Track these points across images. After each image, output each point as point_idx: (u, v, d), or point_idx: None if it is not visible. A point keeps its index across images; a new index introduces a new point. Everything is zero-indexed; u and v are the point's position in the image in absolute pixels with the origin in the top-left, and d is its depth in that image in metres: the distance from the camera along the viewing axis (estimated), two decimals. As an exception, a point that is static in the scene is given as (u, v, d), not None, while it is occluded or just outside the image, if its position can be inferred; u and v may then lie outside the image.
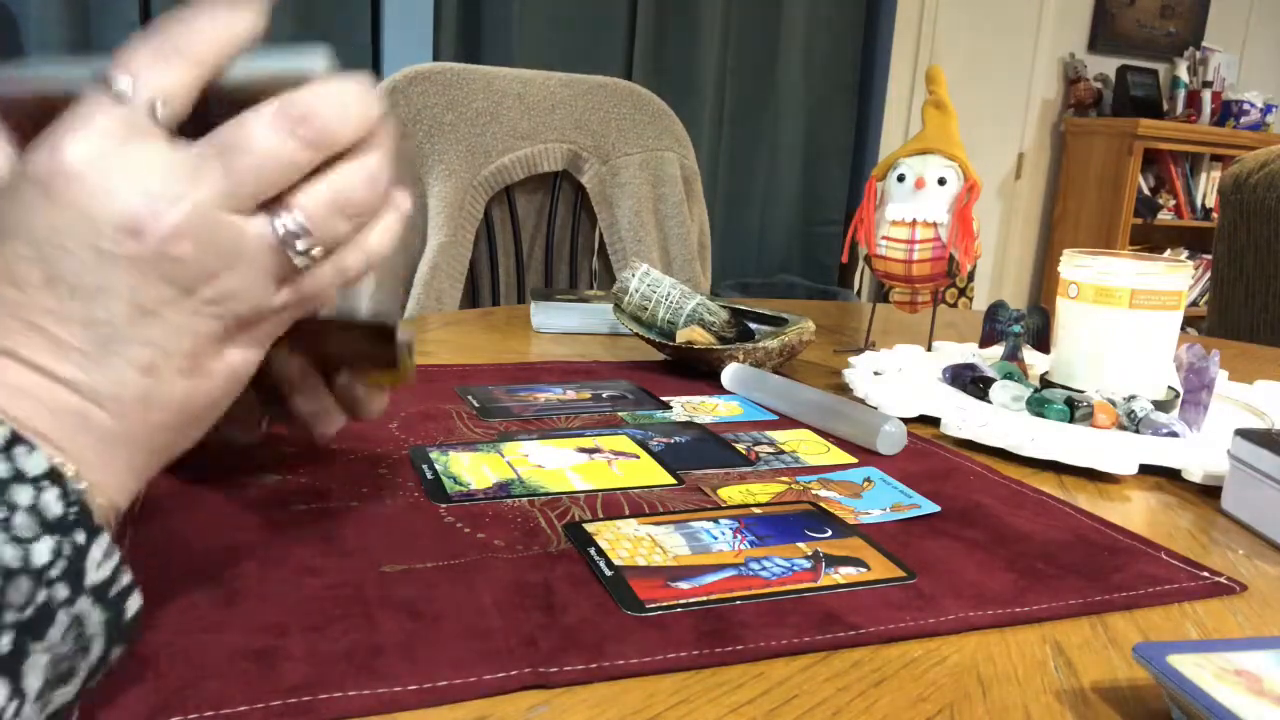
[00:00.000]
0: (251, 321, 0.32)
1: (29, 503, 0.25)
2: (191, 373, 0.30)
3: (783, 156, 3.16)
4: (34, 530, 0.25)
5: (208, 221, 0.29)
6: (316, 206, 0.31)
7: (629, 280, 0.83)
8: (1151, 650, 0.32)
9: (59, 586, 0.25)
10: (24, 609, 0.24)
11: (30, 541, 0.25)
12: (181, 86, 0.30)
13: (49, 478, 0.26)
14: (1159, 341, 0.69)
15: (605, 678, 0.33)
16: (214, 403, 0.32)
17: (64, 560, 0.26)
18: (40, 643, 0.25)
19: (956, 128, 0.85)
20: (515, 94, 1.40)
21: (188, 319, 0.30)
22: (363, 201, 0.32)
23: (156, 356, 0.29)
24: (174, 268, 0.29)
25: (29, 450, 0.26)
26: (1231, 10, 3.95)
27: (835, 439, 0.62)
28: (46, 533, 0.25)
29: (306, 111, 0.30)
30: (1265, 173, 1.51)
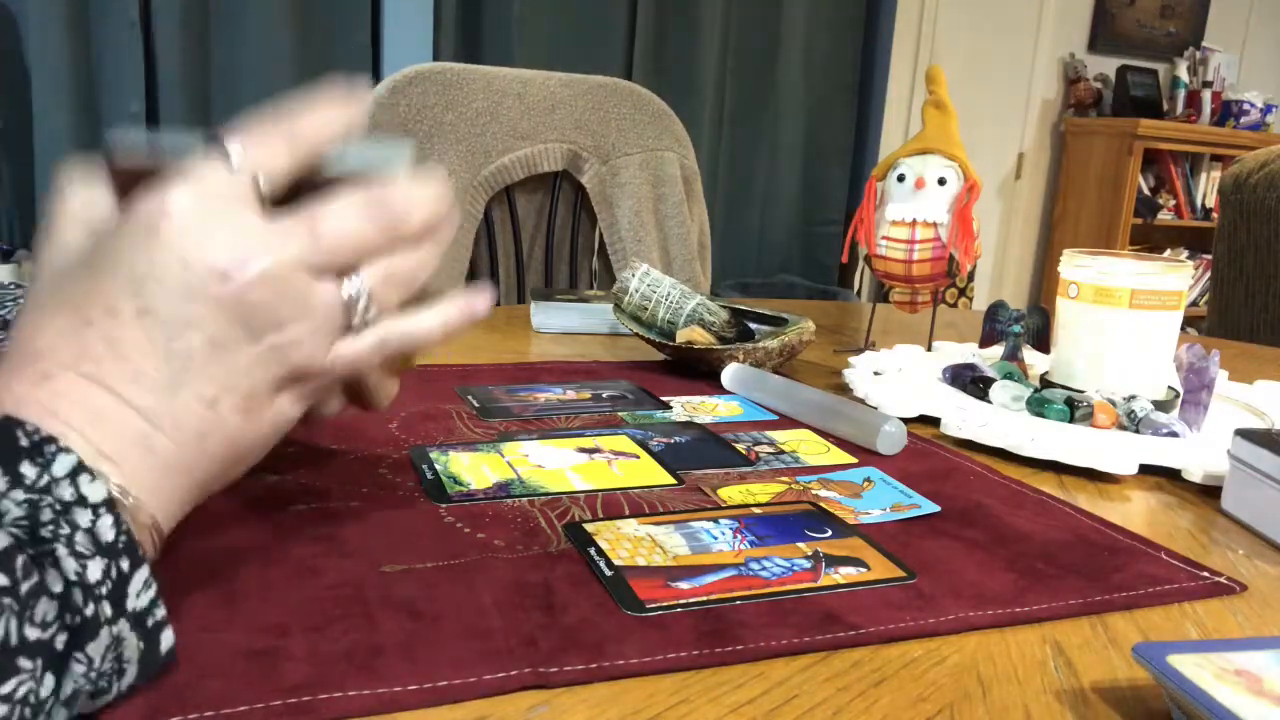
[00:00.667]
0: (303, 375, 0.35)
1: (88, 525, 0.28)
2: (247, 413, 0.34)
3: (783, 156, 3.16)
4: (90, 549, 0.28)
5: (286, 276, 0.33)
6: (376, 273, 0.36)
7: (629, 280, 0.83)
8: (1151, 650, 0.32)
9: (105, 604, 0.28)
10: (75, 616, 0.27)
11: (87, 559, 0.28)
12: (283, 165, 0.34)
13: (106, 505, 0.29)
14: (1159, 341, 0.69)
15: (605, 678, 0.33)
16: (259, 445, 0.35)
17: (110, 582, 0.28)
18: (80, 652, 0.27)
19: (956, 128, 0.85)
20: (515, 94, 1.40)
21: (253, 361, 0.33)
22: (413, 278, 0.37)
23: (220, 392, 0.33)
24: (250, 312, 0.33)
25: (91, 479, 0.29)
26: (1231, 10, 3.95)
27: (835, 439, 0.62)
28: (99, 554, 0.28)
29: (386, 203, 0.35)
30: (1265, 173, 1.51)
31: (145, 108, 2.22)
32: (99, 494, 0.28)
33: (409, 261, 0.37)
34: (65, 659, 0.27)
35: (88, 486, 0.28)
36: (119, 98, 2.20)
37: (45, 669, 0.26)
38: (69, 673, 0.27)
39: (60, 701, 0.27)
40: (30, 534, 0.27)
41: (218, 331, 0.32)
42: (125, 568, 0.29)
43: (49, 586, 0.26)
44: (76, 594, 0.27)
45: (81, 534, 0.28)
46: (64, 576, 0.27)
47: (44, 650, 0.26)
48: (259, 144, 0.34)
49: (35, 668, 0.26)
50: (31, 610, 0.26)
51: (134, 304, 0.31)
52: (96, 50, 2.18)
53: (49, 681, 0.26)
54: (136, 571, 0.29)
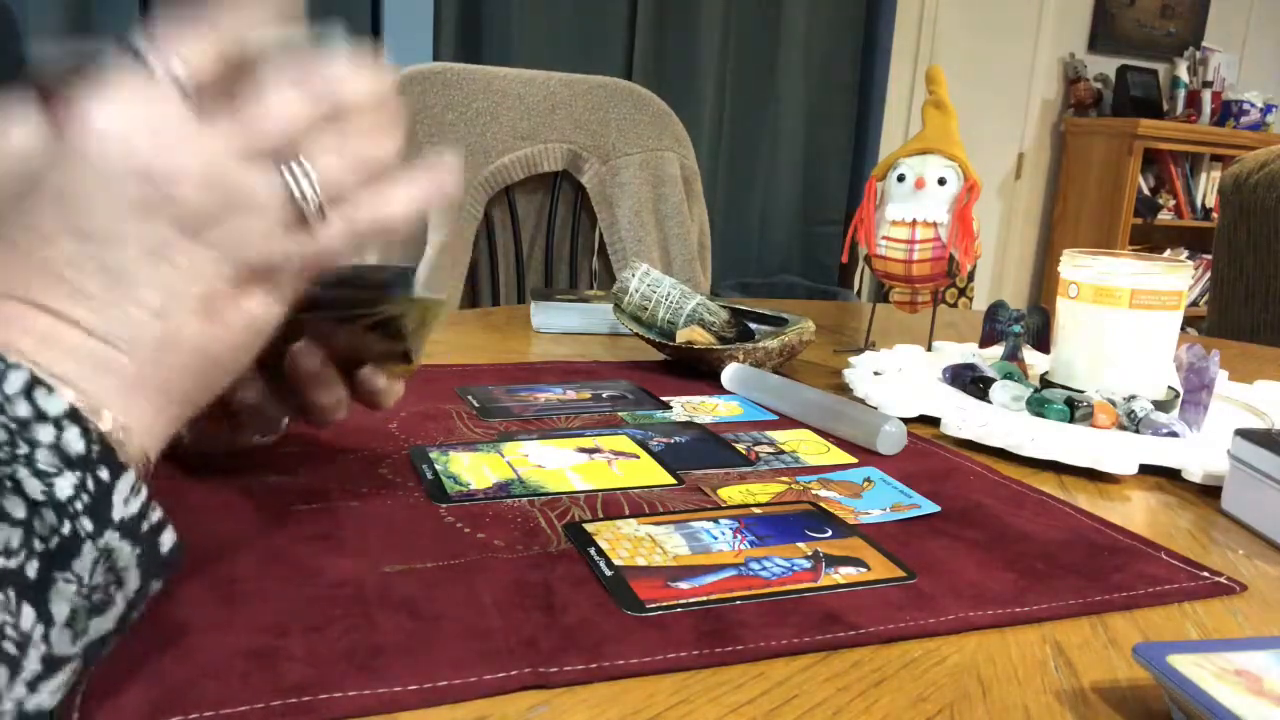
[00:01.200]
0: (265, 272, 0.33)
1: (50, 440, 0.27)
2: (205, 316, 0.32)
3: (783, 156, 3.16)
4: (56, 465, 0.27)
5: (216, 168, 0.31)
6: (324, 157, 0.33)
7: (629, 280, 0.83)
8: (1151, 650, 0.32)
9: (84, 520, 0.27)
10: (49, 539, 0.26)
11: (53, 476, 0.26)
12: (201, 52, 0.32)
13: (69, 417, 0.27)
14: (1159, 341, 0.69)
15: (605, 678, 0.33)
16: (234, 350, 0.33)
17: (87, 495, 0.27)
18: (65, 572, 0.26)
19: (956, 128, 0.85)
20: (515, 94, 1.40)
21: (196, 262, 0.31)
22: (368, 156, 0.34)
23: (167, 299, 0.31)
24: (181, 211, 0.30)
25: (49, 392, 0.27)
26: (1231, 10, 3.95)
27: (835, 439, 0.62)
28: (69, 468, 0.27)
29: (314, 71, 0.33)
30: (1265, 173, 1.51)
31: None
32: (58, 406, 0.27)
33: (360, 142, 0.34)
34: (45, 584, 0.26)
35: (45, 400, 0.27)
36: (119, 98, 2.20)
37: (20, 599, 0.25)
38: (57, 594, 0.26)
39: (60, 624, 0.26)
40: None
41: (154, 238, 0.30)
42: (105, 477, 0.27)
43: (8, 512, 0.25)
44: (48, 514, 0.26)
45: (44, 450, 0.26)
46: (27, 499, 0.26)
47: (14, 579, 0.25)
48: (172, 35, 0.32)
49: (8, 599, 0.25)
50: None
51: (61, 223, 0.30)
52: (97, 49, 2.18)
53: (28, 612, 0.25)
54: (120, 479, 0.28)
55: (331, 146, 0.33)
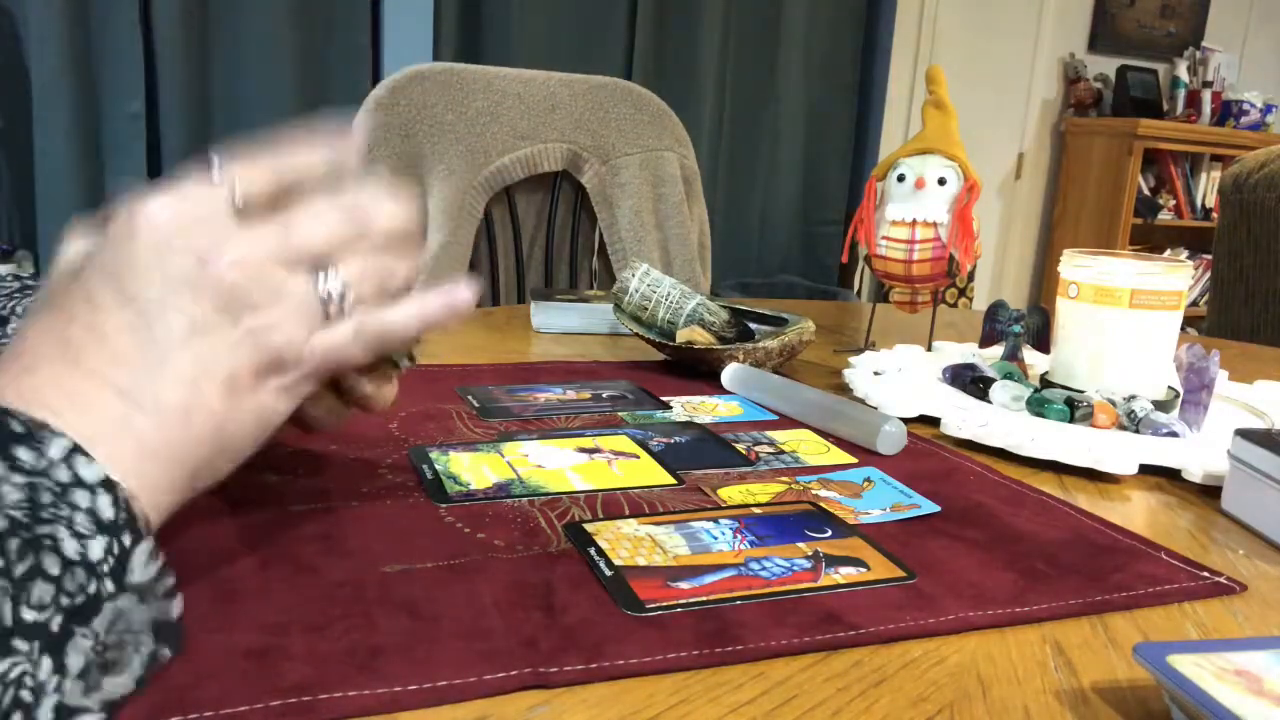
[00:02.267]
0: (283, 364, 0.36)
1: (87, 505, 0.29)
2: (228, 396, 0.34)
3: (783, 156, 3.16)
4: (90, 529, 0.29)
5: (260, 264, 0.35)
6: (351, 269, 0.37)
7: (629, 280, 0.83)
8: (1151, 650, 0.32)
9: (107, 581, 0.29)
10: (75, 596, 0.28)
11: (88, 539, 0.28)
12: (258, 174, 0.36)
13: (104, 485, 0.30)
14: (1159, 341, 0.69)
15: (605, 678, 0.33)
16: (244, 435, 0.35)
17: (113, 558, 0.29)
18: (84, 628, 0.28)
19: (956, 128, 0.85)
20: (515, 94, 1.40)
21: (232, 344, 0.34)
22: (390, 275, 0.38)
23: (200, 373, 0.33)
24: (228, 295, 0.34)
25: (88, 461, 0.30)
26: (1231, 10, 3.95)
27: (835, 439, 0.62)
28: (100, 533, 0.29)
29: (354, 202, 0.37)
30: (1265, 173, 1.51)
31: (145, 108, 2.22)
32: (96, 474, 0.29)
33: (385, 262, 0.38)
34: (65, 638, 0.27)
35: (84, 468, 0.29)
36: (119, 98, 2.20)
37: (42, 651, 0.26)
38: (74, 648, 0.27)
39: (73, 676, 0.27)
40: (31, 516, 0.28)
41: (197, 314, 0.33)
42: (127, 543, 0.30)
43: (45, 569, 0.27)
44: (79, 573, 0.28)
45: (81, 514, 0.28)
46: (63, 558, 0.28)
47: (40, 633, 0.27)
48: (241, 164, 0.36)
49: (31, 650, 0.26)
50: (28, 593, 0.26)
51: (115, 295, 0.33)
52: (96, 50, 2.17)
53: (46, 663, 0.27)
54: (138, 546, 0.30)
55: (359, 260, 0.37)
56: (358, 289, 0.37)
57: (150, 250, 0.33)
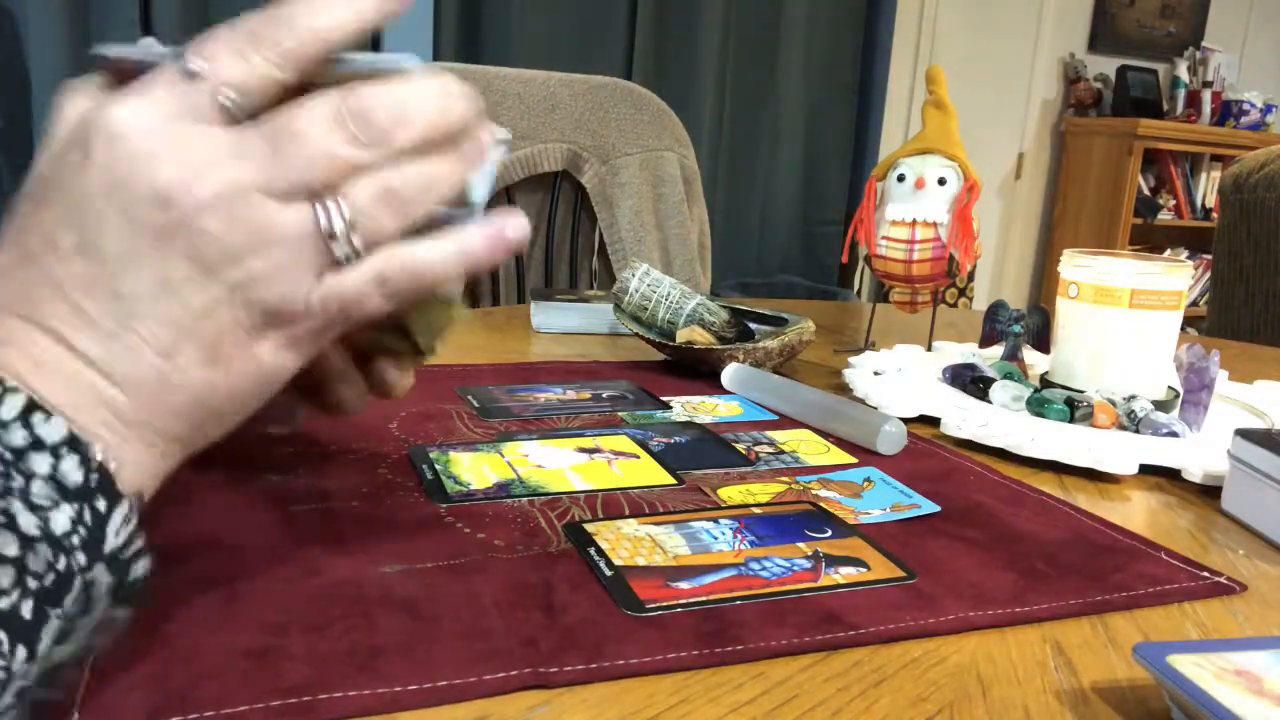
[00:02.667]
0: (283, 318, 0.30)
1: (47, 471, 0.25)
2: (213, 363, 0.29)
3: (783, 156, 3.16)
4: (52, 498, 0.25)
5: (241, 200, 0.28)
6: (362, 196, 0.29)
7: (629, 280, 0.83)
8: (1151, 650, 0.32)
9: (78, 554, 0.25)
10: (43, 576, 0.24)
11: (49, 509, 0.25)
12: (259, 80, 0.29)
13: (68, 444, 0.26)
14: (1159, 341, 0.69)
15: (605, 678, 0.33)
16: (239, 400, 0.31)
17: (84, 527, 0.25)
18: (57, 609, 0.25)
19: (956, 128, 0.85)
20: (515, 94, 1.40)
21: (209, 301, 0.28)
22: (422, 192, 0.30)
23: (177, 340, 0.28)
24: (201, 243, 0.28)
25: (46, 418, 0.25)
26: (1231, 10, 3.95)
27: (835, 439, 0.62)
28: (65, 500, 0.25)
29: (364, 108, 0.29)
30: (1265, 173, 1.51)
31: (145, 108, 2.22)
32: (57, 433, 0.25)
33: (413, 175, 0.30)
34: (39, 622, 0.24)
35: (43, 426, 0.25)
36: (119, 98, 2.20)
37: (14, 641, 0.24)
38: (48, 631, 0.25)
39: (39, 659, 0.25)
40: None
41: (166, 268, 0.28)
42: (102, 507, 0.26)
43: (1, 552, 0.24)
44: (43, 550, 0.24)
45: (39, 482, 0.25)
46: (21, 535, 0.24)
47: (10, 622, 0.24)
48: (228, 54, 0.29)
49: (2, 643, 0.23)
50: None
51: (72, 236, 0.27)
52: (96, 50, 2.17)
53: (20, 653, 0.24)
54: (116, 508, 0.26)
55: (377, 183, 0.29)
56: (372, 218, 0.29)
57: (108, 184, 0.27)
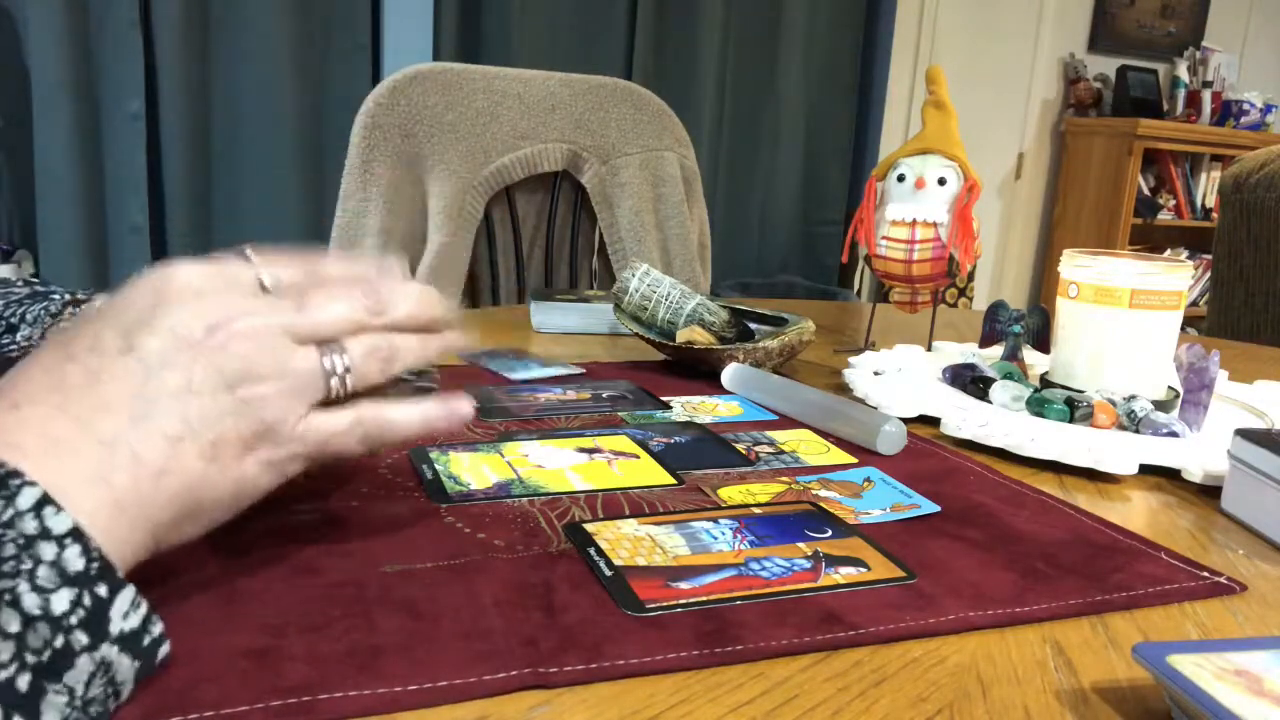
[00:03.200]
0: (273, 437, 0.35)
1: (51, 557, 0.28)
2: (210, 460, 0.34)
3: (783, 156, 3.16)
4: (54, 582, 0.28)
5: (269, 336, 0.35)
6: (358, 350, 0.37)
7: (629, 280, 0.83)
8: (1151, 650, 0.32)
9: (78, 633, 0.28)
10: (41, 652, 0.27)
11: (50, 592, 0.28)
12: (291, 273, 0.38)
13: (72, 535, 0.29)
14: (1159, 341, 0.69)
15: (605, 678, 0.33)
16: (220, 501, 0.35)
17: (83, 609, 0.28)
18: (57, 684, 0.27)
19: (956, 128, 0.85)
20: (515, 94, 1.40)
21: (224, 410, 0.34)
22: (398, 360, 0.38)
23: (185, 432, 0.33)
24: (228, 362, 0.34)
25: (56, 511, 0.29)
26: (1231, 10, 3.95)
27: (835, 439, 0.62)
28: (65, 585, 0.28)
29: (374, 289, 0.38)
30: (1265, 173, 1.51)
31: (145, 108, 2.22)
32: (63, 525, 0.29)
33: (397, 342, 0.38)
34: (36, 695, 0.27)
35: (52, 519, 0.29)
36: (119, 98, 2.20)
37: (11, 710, 0.26)
38: (48, 705, 0.27)
39: None
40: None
41: (195, 377, 0.33)
42: (103, 593, 0.29)
43: (2, 627, 0.26)
44: (42, 628, 0.27)
45: (45, 568, 0.28)
46: (23, 613, 0.27)
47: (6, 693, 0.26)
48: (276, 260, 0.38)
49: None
50: None
51: (120, 343, 0.33)
52: (96, 50, 2.17)
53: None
54: (118, 595, 0.29)
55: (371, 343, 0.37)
56: (361, 369, 0.37)
57: (165, 307, 0.34)
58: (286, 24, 2.35)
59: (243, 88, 2.34)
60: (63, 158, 2.16)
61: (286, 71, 2.37)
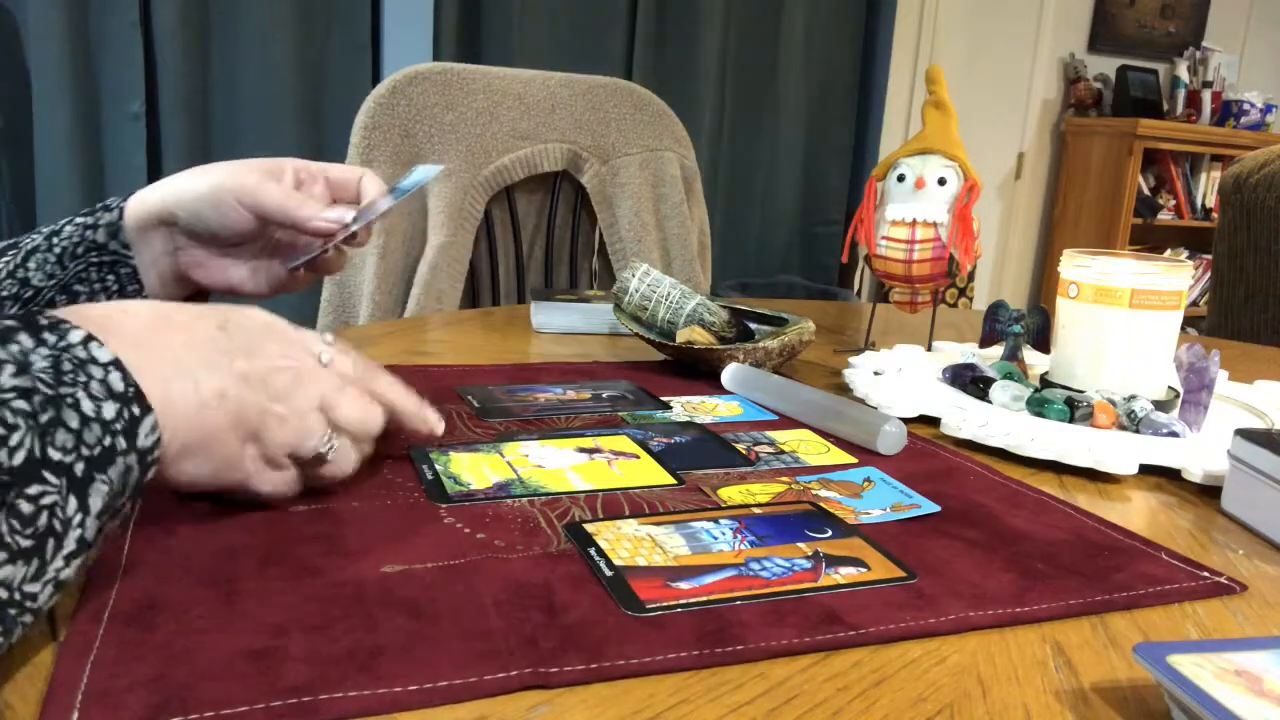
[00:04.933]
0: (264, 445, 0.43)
1: (100, 377, 0.35)
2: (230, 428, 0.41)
3: (783, 156, 3.16)
4: (104, 394, 0.34)
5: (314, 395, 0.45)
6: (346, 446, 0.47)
7: (629, 280, 0.83)
8: (1151, 650, 0.32)
9: (120, 438, 0.35)
10: (94, 447, 0.33)
11: (102, 401, 0.34)
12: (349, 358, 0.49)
13: (114, 365, 0.35)
14: (1159, 341, 0.69)
15: (605, 678, 0.33)
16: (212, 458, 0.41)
17: (124, 420, 0.35)
18: (103, 474, 0.34)
19: (956, 128, 0.85)
20: (515, 94, 1.40)
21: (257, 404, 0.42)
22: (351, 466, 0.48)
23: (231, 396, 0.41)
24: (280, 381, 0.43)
25: (100, 345, 0.35)
26: (1231, 10, 3.95)
27: (835, 439, 0.62)
28: (111, 399, 0.35)
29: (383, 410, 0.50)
30: (1265, 173, 1.51)
31: (145, 108, 2.22)
32: (107, 355, 0.35)
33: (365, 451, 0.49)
34: (88, 482, 0.33)
35: (97, 350, 0.35)
36: (119, 98, 2.20)
37: (69, 490, 0.32)
38: (95, 491, 0.33)
39: (93, 515, 0.33)
40: (55, 379, 0.33)
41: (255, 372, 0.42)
42: (136, 412, 0.35)
43: (66, 421, 0.33)
44: (95, 428, 0.34)
45: (96, 383, 0.34)
46: (81, 414, 0.33)
47: (65, 471, 0.32)
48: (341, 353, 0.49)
49: (60, 485, 0.32)
50: (52, 437, 0.32)
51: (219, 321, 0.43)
52: (96, 50, 2.17)
53: (73, 501, 0.32)
54: (146, 417, 0.36)
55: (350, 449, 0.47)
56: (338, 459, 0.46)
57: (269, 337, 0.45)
58: (287, 24, 2.35)
59: (243, 88, 2.34)
60: (63, 158, 2.16)
61: (287, 71, 2.37)
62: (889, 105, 3.30)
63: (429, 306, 1.31)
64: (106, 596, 0.36)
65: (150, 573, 0.38)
